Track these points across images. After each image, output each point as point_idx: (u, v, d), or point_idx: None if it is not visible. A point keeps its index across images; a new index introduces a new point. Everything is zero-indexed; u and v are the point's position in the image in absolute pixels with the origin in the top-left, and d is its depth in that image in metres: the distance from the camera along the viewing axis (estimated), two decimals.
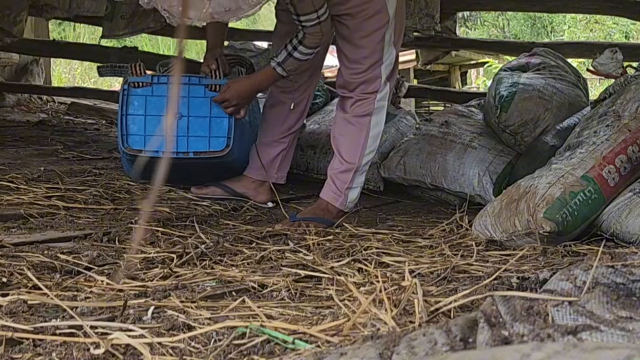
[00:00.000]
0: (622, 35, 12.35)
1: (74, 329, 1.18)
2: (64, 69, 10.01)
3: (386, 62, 2.50)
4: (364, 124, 2.50)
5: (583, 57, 5.00)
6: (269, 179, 2.71)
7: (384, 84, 2.51)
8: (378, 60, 2.47)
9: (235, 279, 1.60)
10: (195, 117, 2.54)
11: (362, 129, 2.50)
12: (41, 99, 6.07)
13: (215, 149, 2.57)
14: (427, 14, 4.36)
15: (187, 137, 2.54)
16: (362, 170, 2.54)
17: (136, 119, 2.53)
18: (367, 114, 2.50)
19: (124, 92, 2.50)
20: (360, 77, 2.48)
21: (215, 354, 1.11)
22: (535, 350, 0.70)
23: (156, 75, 2.53)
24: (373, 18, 2.43)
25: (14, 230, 1.99)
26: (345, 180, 2.50)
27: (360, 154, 2.50)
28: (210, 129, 2.56)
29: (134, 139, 2.53)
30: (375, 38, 2.45)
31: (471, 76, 10.51)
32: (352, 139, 2.51)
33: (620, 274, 1.12)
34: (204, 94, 2.54)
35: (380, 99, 2.51)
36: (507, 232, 2.05)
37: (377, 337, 1.06)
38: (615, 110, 2.29)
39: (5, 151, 3.39)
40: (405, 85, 4.11)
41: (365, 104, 2.50)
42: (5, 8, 4.33)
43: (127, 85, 2.50)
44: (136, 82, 2.50)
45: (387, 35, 2.46)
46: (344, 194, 2.49)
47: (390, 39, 2.49)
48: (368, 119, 2.50)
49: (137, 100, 2.53)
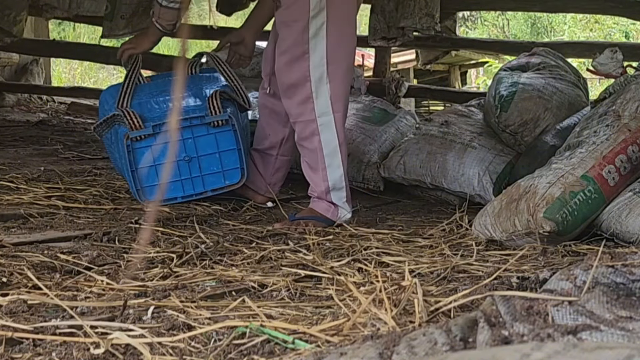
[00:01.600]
0: (622, 35, 12.34)
1: (74, 329, 1.18)
2: (64, 69, 10.01)
3: (315, 59, 2.35)
4: (315, 148, 2.39)
5: (583, 57, 5.00)
6: (265, 186, 2.70)
7: (316, 90, 2.36)
8: (301, 55, 2.35)
9: (235, 278, 1.60)
10: (205, 155, 2.53)
11: (314, 151, 2.40)
12: (41, 99, 6.08)
13: (231, 182, 2.56)
14: (427, 14, 4.36)
15: (201, 176, 2.54)
16: (339, 186, 2.42)
17: (147, 171, 2.50)
18: (311, 134, 2.39)
19: (128, 147, 2.45)
20: (284, 73, 2.39)
21: (215, 354, 1.11)
22: (535, 350, 0.70)
23: (157, 125, 2.48)
24: (296, 4, 2.33)
25: (14, 230, 1.99)
26: (323, 207, 2.42)
27: (323, 177, 2.40)
28: (222, 163, 2.54)
29: (150, 191, 2.50)
30: (295, 29, 2.34)
31: (471, 76, 10.51)
32: (310, 166, 2.43)
33: (620, 274, 1.12)
34: (208, 131, 2.52)
35: (321, 115, 2.36)
36: (507, 232, 2.05)
37: (377, 336, 1.06)
38: (615, 110, 2.29)
39: (5, 151, 3.39)
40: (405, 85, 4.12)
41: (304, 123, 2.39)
42: (5, 8, 4.32)
43: (129, 141, 2.45)
44: (138, 135, 2.46)
45: (311, 28, 2.32)
46: (333, 206, 2.44)
47: (322, 33, 2.33)
48: (317, 138, 2.38)
49: (144, 153, 2.49)
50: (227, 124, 2.52)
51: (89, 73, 10.75)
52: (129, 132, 2.45)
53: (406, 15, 4.35)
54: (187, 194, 2.53)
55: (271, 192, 2.68)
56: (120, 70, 10.32)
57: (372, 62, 5.55)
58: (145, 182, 2.49)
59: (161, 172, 2.49)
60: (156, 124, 2.47)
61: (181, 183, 2.53)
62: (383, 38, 4.48)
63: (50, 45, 5.67)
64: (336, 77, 2.38)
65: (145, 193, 2.49)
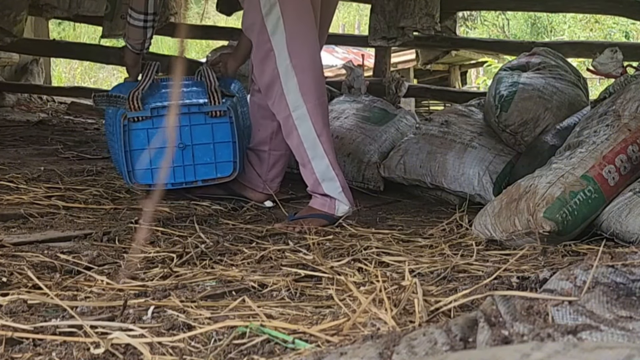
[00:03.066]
0: (622, 35, 12.35)
1: (74, 329, 1.18)
2: (64, 69, 10.02)
3: (279, 55, 2.38)
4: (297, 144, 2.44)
5: (583, 56, 5.00)
6: (262, 186, 2.71)
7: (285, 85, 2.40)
8: (266, 54, 2.40)
9: (235, 278, 1.60)
10: (199, 144, 2.54)
11: (297, 146, 2.44)
12: (41, 99, 6.08)
13: (223, 175, 2.57)
14: (427, 14, 4.37)
15: (193, 165, 2.55)
16: (328, 177, 2.42)
17: (140, 154, 2.51)
18: (291, 130, 2.43)
19: (124, 127, 2.47)
20: (258, 76, 2.48)
21: (215, 354, 1.11)
22: (535, 349, 0.70)
23: (155, 107, 2.50)
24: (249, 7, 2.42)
25: (14, 229, 1.99)
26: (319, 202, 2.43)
27: (310, 171, 2.42)
28: (216, 155, 2.55)
29: (140, 174, 2.52)
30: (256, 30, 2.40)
31: (471, 76, 10.52)
32: (299, 162, 2.47)
33: (620, 274, 1.12)
34: (205, 121, 2.53)
35: (295, 109, 2.40)
36: (507, 232, 2.05)
37: (377, 336, 1.06)
38: (615, 109, 2.29)
39: (5, 151, 3.39)
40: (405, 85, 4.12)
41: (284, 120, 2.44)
42: (5, 8, 4.33)
43: (126, 121, 2.47)
44: (135, 117, 2.48)
45: (268, 26, 2.36)
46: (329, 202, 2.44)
47: (279, 28, 2.35)
48: (296, 133, 2.42)
49: (139, 135, 2.50)
50: (225, 115, 2.53)
51: (89, 73, 10.76)
52: (127, 112, 2.46)
53: (406, 15, 4.36)
54: (178, 182, 2.55)
55: (269, 189, 2.69)
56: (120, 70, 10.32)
57: (372, 62, 5.56)
58: (137, 164, 2.50)
59: (155, 156, 2.51)
60: (154, 107, 2.49)
61: (173, 170, 2.54)
62: (383, 38, 4.49)
63: (50, 45, 5.68)
64: (303, 69, 2.39)
65: (135, 176, 2.51)
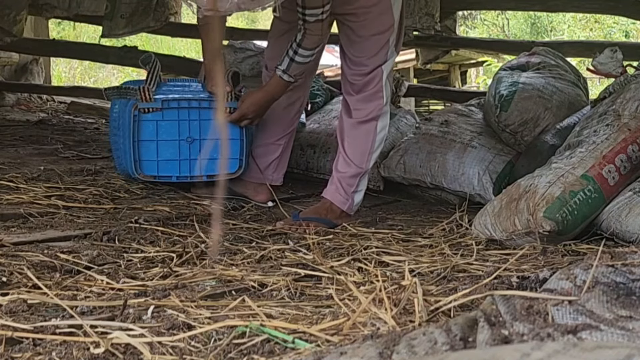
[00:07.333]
0: (622, 35, 12.34)
1: (74, 328, 1.18)
2: (63, 69, 10.01)
3: (388, 64, 2.50)
4: (371, 129, 2.50)
5: (583, 56, 5.00)
6: (265, 181, 2.71)
7: (385, 86, 2.51)
8: (382, 62, 2.48)
9: (235, 278, 1.60)
10: (207, 140, 2.56)
11: (369, 132, 2.51)
12: (41, 98, 6.07)
13: (228, 172, 2.59)
14: (427, 13, 4.37)
15: (199, 160, 2.56)
16: (368, 173, 2.57)
17: (148, 145, 2.53)
18: (372, 118, 2.50)
19: (134, 118, 2.49)
20: (363, 78, 2.49)
21: (215, 353, 1.11)
22: (535, 349, 0.70)
23: (166, 100, 2.52)
24: (378, 20, 2.44)
25: (14, 229, 1.98)
26: (352, 183, 2.51)
27: (368, 158, 2.52)
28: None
29: (146, 165, 2.54)
30: (380, 40, 2.45)
31: (471, 75, 10.52)
32: (360, 143, 2.51)
33: (620, 273, 1.12)
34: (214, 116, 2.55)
35: (385, 104, 2.53)
36: (507, 232, 2.05)
37: (377, 336, 1.06)
38: (615, 109, 2.29)
39: (5, 150, 3.38)
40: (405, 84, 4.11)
41: (369, 108, 2.50)
42: (5, 7, 4.32)
43: (137, 111, 2.49)
44: (146, 107, 2.49)
45: (391, 38, 2.47)
46: (351, 198, 2.50)
47: (393, 42, 2.49)
48: (374, 123, 2.50)
49: (148, 126, 2.52)
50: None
51: (89, 72, 10.75)
52: (138, 103, 2.48)
53: (406, 15, 4.35)
54: (183, 175, 2.56)
55: (266, 182, 2.70)
56: (120, 70, 10.32)
57: None
58: (145, 156, 2.51)
59: (162, 148, 2.53)
60: (166, 99, 2.50)
61: (179, 163, 2.55)
62: None
63: (50, 44, 5.67)
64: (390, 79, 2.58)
65: (142, 166, 2.52)
